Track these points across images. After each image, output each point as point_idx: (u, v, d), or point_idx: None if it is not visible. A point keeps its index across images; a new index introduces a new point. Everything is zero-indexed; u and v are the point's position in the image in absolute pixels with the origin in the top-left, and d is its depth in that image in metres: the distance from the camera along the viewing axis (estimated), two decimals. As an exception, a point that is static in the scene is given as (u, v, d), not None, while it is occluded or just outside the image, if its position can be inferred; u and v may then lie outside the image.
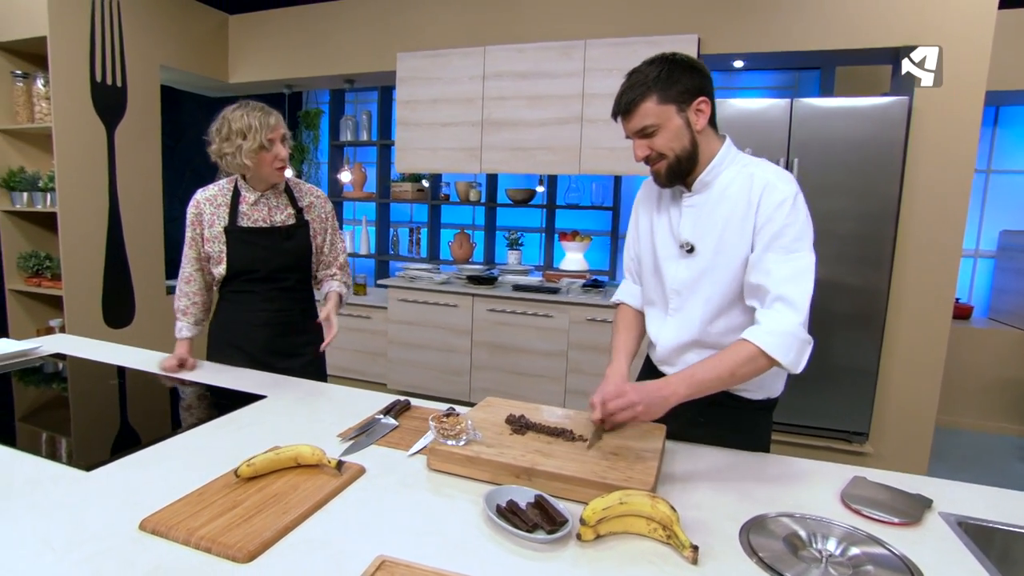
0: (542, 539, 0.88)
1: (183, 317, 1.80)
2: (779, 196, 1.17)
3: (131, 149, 3.50)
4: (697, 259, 1.27)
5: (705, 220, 1.26)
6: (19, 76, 3.18)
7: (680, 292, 1.31)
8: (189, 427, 1.29)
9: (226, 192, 1.74)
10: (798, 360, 1.14)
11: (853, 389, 2.99)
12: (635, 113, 1.19)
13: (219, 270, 1.74)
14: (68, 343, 1.95)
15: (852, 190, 2.87)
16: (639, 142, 1.22)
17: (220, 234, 1.71)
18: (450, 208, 4.68)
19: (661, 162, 1.22)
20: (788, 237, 1.16)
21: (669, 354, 1.35)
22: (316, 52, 4.07)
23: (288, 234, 1.76)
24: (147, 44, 3.56)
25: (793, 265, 1.15)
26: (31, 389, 1.56)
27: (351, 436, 1.27)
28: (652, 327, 1.40)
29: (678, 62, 1.20)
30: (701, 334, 1.30)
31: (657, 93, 1.17)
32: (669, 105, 1.18)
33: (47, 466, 1.09)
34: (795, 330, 1.13)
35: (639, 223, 1.42)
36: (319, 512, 0.96)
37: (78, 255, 3.24)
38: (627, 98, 1.19)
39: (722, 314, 1.27)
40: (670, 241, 1.32)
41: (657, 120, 1.18)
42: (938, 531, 0.98)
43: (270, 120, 1.64)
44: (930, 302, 2.96)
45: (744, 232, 1.20)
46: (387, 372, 3.85)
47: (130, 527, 0.90)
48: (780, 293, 1.15)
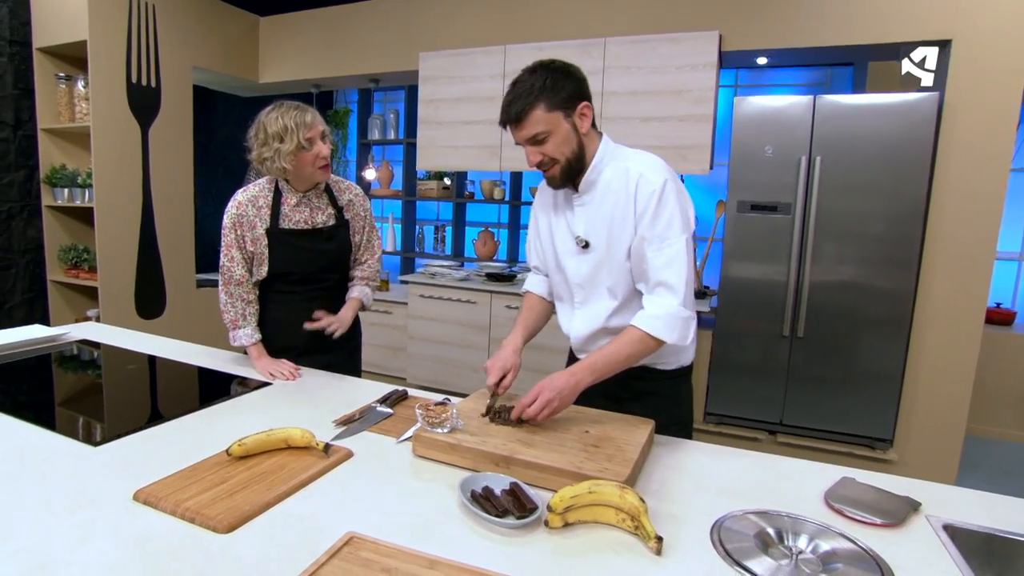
0: (510, 524, 0.90)
1: (244, 322, 1.70)
2: (650, 187, 1.25)
3: (164, 147, 3.65)
4: (592, 254, 1.35)
5: (595, 216, 1.34)
6: (62, 78, 3.36)
7: (583, 286, 1.39)
8: (192, 410, 1.35)
9: (267, 193, 1.68)
10: (683, 336, 1.26)
11: (877, 393, 2.91)
12: (526, 121, 1.23)
13: (261, 271, 1.70)
14: (94, 331, 2.06)
15: (878, 189, 2.79)
16: (531, 149, 1.26)
17: (262, 236, 1.66)
18: (475, 206, 4.72)
19: (554, 167, 1.28)
20: (660, 226, 1.25)
21: (583, 343, 1.44)
22: (342, 52, 4.17)
23: (330, 235, 1.74)
24: (180, 46, 3.70)
25: (667, 252, 1.25)
26: (56, 371, 1.66)
27: (346, 422, 1.31)
28: (563, 320, 1.48)
29: (558, 69, 1.25)
30: (608, 322, 1.37)
31: (544, 101, 1.22)
32: (556, 112, 1.23)
33: (60, 441, 1.16)
34: (675, 311, 1.24)
35: (539, 225, 1.49)
36: (302, 491, 1.00)
37: (113, 249, 3.41)
38: (517, 107, 1.23)
39: (628, 303, 1.35)
40: (568, 238, 1.39)
41: (547, 127, 1.23)
42: (920, 534, 0.96)
43: (306, 118, 1.59)
44: (961, 305, 2.85)
45: (627, 224, 1.29)
46: (407, 367, 3.91)
47: (124, 497, 0.95)
48: (659, 279, 1.26)
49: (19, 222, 3.38)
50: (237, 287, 1.69)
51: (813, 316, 2.95)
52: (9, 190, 3.32)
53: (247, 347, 1.72)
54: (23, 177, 3.38)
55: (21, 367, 1.63)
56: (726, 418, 3.20)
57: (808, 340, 2.97)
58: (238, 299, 1.70)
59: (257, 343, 1.71)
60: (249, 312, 1.72)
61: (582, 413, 1.30)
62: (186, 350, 1.86)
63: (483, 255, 4.30)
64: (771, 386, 3.07)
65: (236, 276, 1.69)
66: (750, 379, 3.10)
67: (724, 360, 3.15)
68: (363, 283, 1.88)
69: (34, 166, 3.41)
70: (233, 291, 1.70)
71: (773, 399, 3.07)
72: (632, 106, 3.23)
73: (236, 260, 1.67)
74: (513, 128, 1.26)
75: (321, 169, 1.64)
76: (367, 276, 1.89)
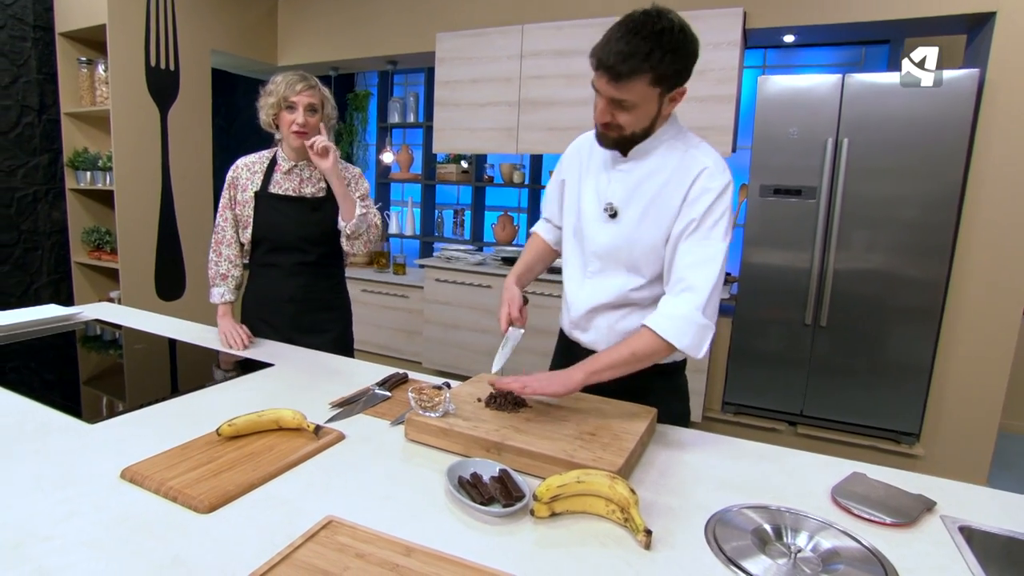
0: (495, 512, 0.87)
1: (222, 282, 1.81)
2: (712, 182, 1.18)
3: (183, 130, 3.68)
4: (619, 225, 1.27)
5: (634, 187, 1.25)
6: (83, 62, 3.40)
7: (601, 256, 1.30)
8: (191, 390, 1.35)
9: (264, 159, 1.80)
10: (697, 344, 1.15)
11: (904, 386, 2.80)
12: (625, 85, 1.10)
13: (246, 235, 1.79)
14: (107, 311, 2.09)
15: (909, 173, 2.66)
16: (607, 108, 1.15)
17: (251, 199, 1.76)
18: (495, 190, 4.67)
19: (616, 132, 1.19)
20: (706, 225, 1.17)
21: (583, 317, 1.35)
22: (360, 34, 4.14)
23: (315, 206, 1.76)
24: (199, 29, 3.72)
25: (703, 251, 1.17)
26: (64, 352, 1.69)
27: (342, 404, 1.30)
28: (570, 288, 1.39)
29: (685, 43, 1.11)
30: (614, 299, 1.30)
31: (653, 74, 1.09)
32: (656, 88, 1.12)
33: (57, 417, 1.17)
34: (692, 315, 1.14)
35: (567, 180, 1.40)
36: (289, 472, 0.99)
37: (133, 231, 3.46)
38: (626, 67, 1.08)
39: (642, 284, 1.27)
40: (595, 203, 1.30)
41: (639, 100, 1.12)
42: (933, 534, 0.90)
43: (297, 86, 1.67)
44: (998, 295, 2.71)
45: (671, 207, 1.20)
46: (422, 351, 3.92)
47: (112, 476, 0.95)
48: (683, 276, 1.17)
49: (44, 205, 3.46)
50: (226, 247, 1.81)
51: (838, 305, 2.85)
52: (35, 173, 3.39)
53: (217, 305, 1.81)
54: (47, 161, 3.45)
55: (33, 345, 1.66)
56: (744, 408, 3.13)
57: (832, 329, 2.87)
58: (224, 259, 1.81)
59: (226, 303, 1.81)
60: (231, 274, 1.82)
61: (584, 400, 1.26)
62: (197, 331, 1.86)
63: (502, 239, 4.26)
64: (792, 376, 2.98)
65: (226, 236, 1.81)
66: (770, 368, 3.02)
67: (743, 348, 3.07)
68: None
69: (58, 150, 3.47)
70: (222, 250, 1.81)
71: (794, 389, 2.99)
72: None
73: (228, 220, 1.80)
74: (606, 79, 1.10)
75: (294, 134, 1.69)
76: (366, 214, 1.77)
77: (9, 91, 3.23)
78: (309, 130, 1.69)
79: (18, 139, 3.30)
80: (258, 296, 1.84)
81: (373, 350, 4.15)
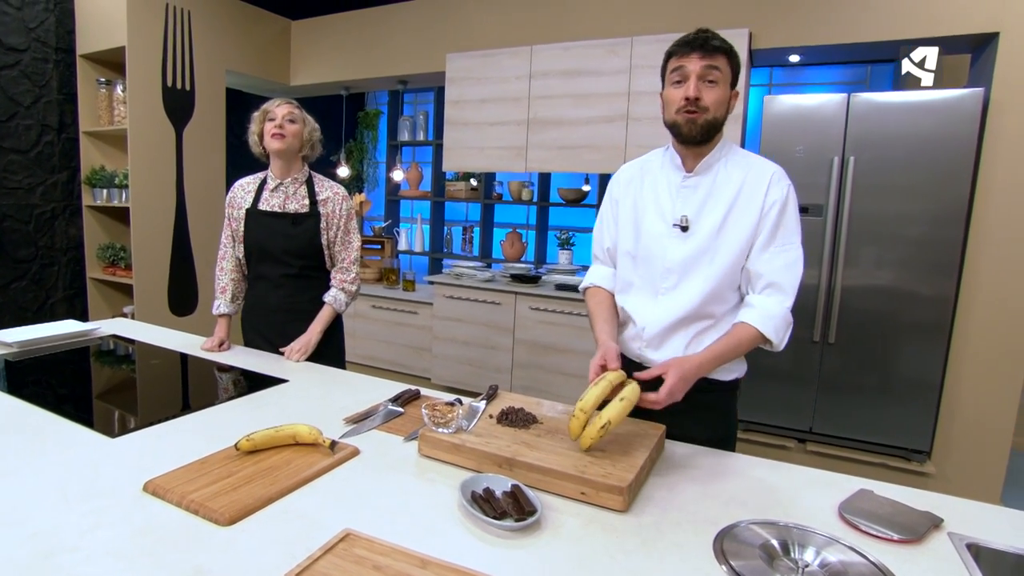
0: (508, 526, 0.89)
1: (220, 295, 1.96)
2: (783, 190, 1.28)
3: (197, 149, 3.76)
4: (693, 238, 1.31)
5: (703, 200, 1.31)
6: (102, 83, 3.50)
7: (674, 271, 1.33)
8: (207, 405, 1.38)
9: (257, 179, 1.94)
10: (783, 340, 1.28)
11: (913, 403, 2.79)
12: (715, 56, 1.22)
13: (240, 249, 1.93)
14: (123, 326, 2.13)
15: (916, 191, 2.68)
16: (697, 83, 1.23)
17: (243, 216, 1.90)
18: (504, 207, 4.72)
19: (702, 114, 1.25)
20: (786, 230, 1.28)
21: (656, 336, 1.35)
22: (371, 55, 4.23)
23: (296, 220, 1.88)
24: (214, 50, 3.82)
25: (787, 256, 1.28)
26: (84, 364, 1.73)
27: (356, 420, 1.32)
28: (636, 309, 1.39)
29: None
30: (693, 312, 1.32)
31: (729, 58, 1.25)
32: (731, 73, 1.26)
33: (80, 432, 1.20)
34: (785, 313, 1.27)
35: (619, 206, 1.44)
36: (306, 487, 1.01)
37: (147, 247, 3.53)
38: (716, 43, 1.23)
39: (720, 294, 1.31)
40: (659, 220, 1.35)
41: (723, 73, 1.24)
42: (940, 551, 0.91)
43: (276, 101, 1.86)
44: (1007, 312, 2.70)
45: (749, 216, 1.28)
46: (432, 367, 3.94)
47: (135, 488, 0.98)
48: (773, 280, 1.27)
49: (61, 221, 3.53)
50: (226, 262, 1.96)
51: (846, 322, 2.85)
52: (53, 191, 3.47)
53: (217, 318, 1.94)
54: (66, 178, 3.53)
55: (52, 360, 1.70)
56: (753, 425, 3.12)
57: (840, 346, 2.87)
58: (224, 273, 1.96)
59: (223, 315, 1.94)
60: (230, 288, 1.95)
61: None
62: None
63: (511, 256, 4.29)
64: (801, 393, 2.97)
65: (227, 252, 1.96)
66: (779, 385, 3.01)
67: (752, 365, 3.01)
68: (339, 287, 1.95)
69: (76, 168, 3.56)
70: (223, 265, 1.97)
71: (803, 406, 2.98)
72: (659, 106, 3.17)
73: (228, 237, 1.95)
74: (697, 53, 1.23)
75: (272, 136, 1.81)
76: (344, 280, 1.96)
77: (31, 111, 3.33)
78: (288, 135, 1.81)
79: (38, 157, 3.39)
80: (251, 307, 1.98)
81: (383, 366, 4.17)
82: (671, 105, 1.27)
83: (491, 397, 1.36)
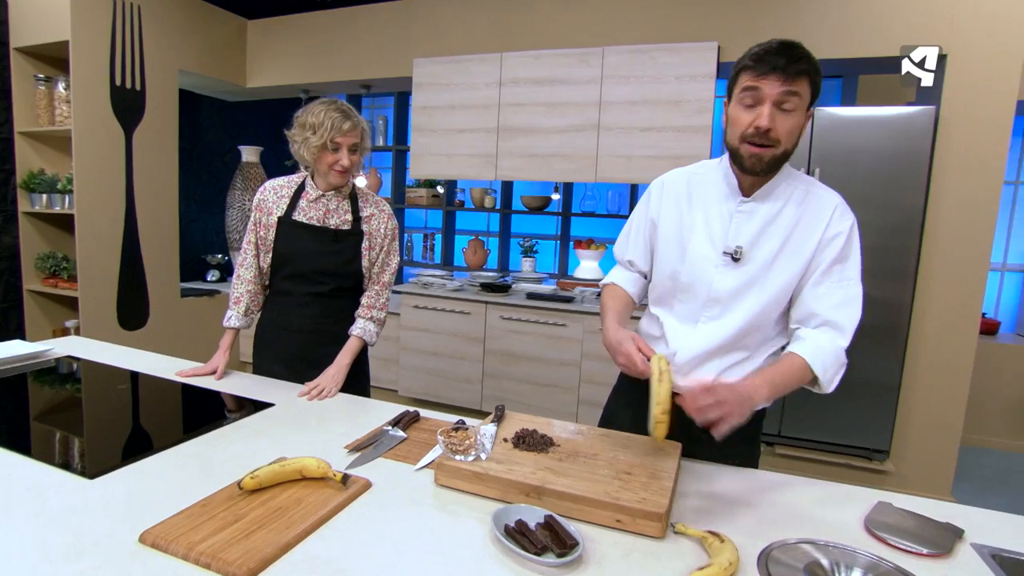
0: (552, 563, 0.85)
1: (234, 306, 1.76)
2: (847, 222, 1.19)
3: (148, 152, 3.53)
4: (744, 269, 1.22)
5: (761, 229, 1.21)
6: (41, 80, 3.23)
7: (721, 301, 1.24)
8: (195, 435, 1.27)
9: (293, 184, 1.74)
10: (834, 380, 1.18)
11: (874, 405, 2.91)
12: (798, 80, 1.09)
13: (267, 259, 1.74)
14: (80, 346, 1.95)
15: (876, 201, 2.80)
16: (772, 110, 1.11)
17: (274, 223, 1.71)
18: (464, 214, 4.66)
19: (772, 149, 1.14)
20: (846, 265, 1.19)
21: (688, 362, 1.28)
22: (333, 57, 4.09)
23: (337, 238, 1.71)
24: (166, 49, 3.60)
25: (845, 292, 1.19)
26: (41, 392, 1.56)
27: (358, 448, 1.25)
28: (673, 332, 1.31)
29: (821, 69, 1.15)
30: (729, 342, 1.24)
31: (812, 78, 1.12)
32: (810, 95, 1.13)
33: (51, 473, 1.07)
34: (839, 353, 1.17)
35: (660, 221, 1.32)
36: (323, 528, 0.94)
37: (94, 257, 3.27)
38: (803, 65, 1.09)
39: (760, 325, 1.24)
40: (708, 245, 1.25)
41: (802, 99, 1.11)
42: (971, 564, 0.92)
43: (344, 126, 1.60)
44: (956, 317, 2.87)
45: (806, 247, 1.19)
46: (399, 379, 3.83)
47: (130, 539, 0.87)
48: (830, 318, 1.18)
49: (-7, 229, 3.24)
50: (244, 270, 1.76)
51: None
52: (-18, 196, 3.18)
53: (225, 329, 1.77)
54: (-2, 182, 3.24)
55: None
56: (724, 430, 3.18)
57: (806, 351, 2.96)
58: (242, 282, 1.77)
59: (232, 328, 1.76)
60: (245, 300, 1.76)
61: (608, 436, 1.25)
62: (176, 366, 1.76)
63: (473, 264, 4.24)
64: (769, 397, 3.05)
65: (247, 259, 1.76)
66: (748, 390, 3.08)
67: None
68: (367, 316, 1.77)
69: (10, 170, 3.27)
70: (240, 273, 1.77)
71: (771, 411, 3.04)
72: (630, 115, 3.21)
73: (251, 243, 1.75)
74: (776, 79, 1.09)
75: (337, 172, 1.65)
76: (373, 306, 1.78)
77: (-45, 108, 3.04)
78: (351, 168, 1.65)
79: (-36, 160, 3.10)
80: (267, 323, 1.79)
81: (346, 378, 4.03)
82: (736, 128, 1.16)
83: (500, 418, 1.31)
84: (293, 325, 1.74)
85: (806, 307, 1.20)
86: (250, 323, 1.80)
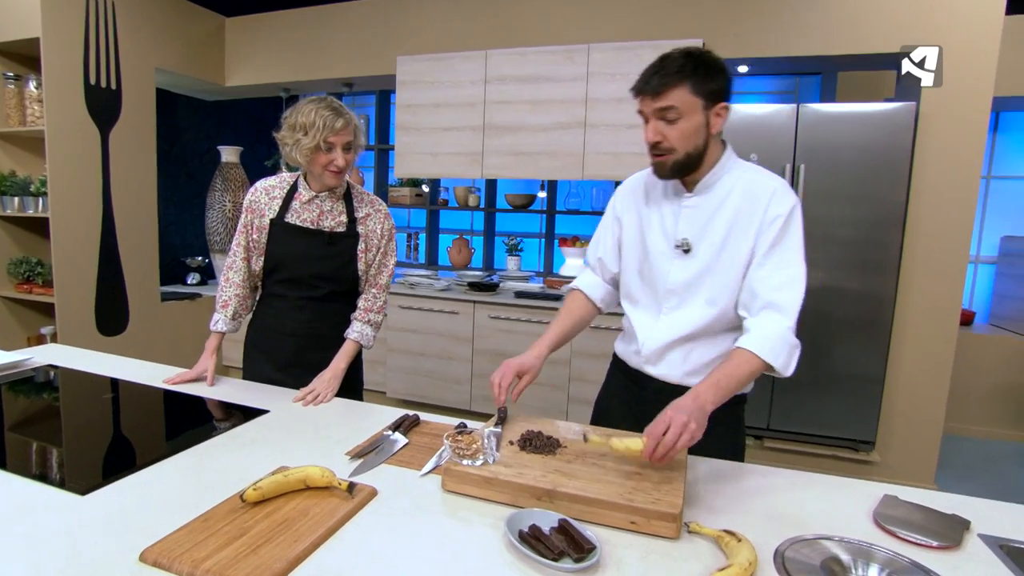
0: (570, 568, 0.83)
1: (221, 309, 1.70)
2: (784, 206, 1.22)
3: (125, 153, 3.42)
4: (695, 260, 1.28)
5: (706, 221, 1.27)
6: (10, 78, 3.11)
7: (677, 292, 1.31)
8: (189, 445, 1.23)
9: (284, 185, 1.69)
10: (788, 363, 1.19)
11: (859, 397, 2.96)
12: (665, 95, 1.16)
13: (259, 262, 1.70)
14: (60, 354, 1.88)
15: (859, 196, 2.84)
16: (655, 125, 1.20)
17: (266, 225, 1.66)
18: (448, 213, 4.63)
19: (669, 156, 1.22)
20: (785, 247, 1.21)
21: (654, 353, 1.35)
22: (314, 55, 4.02)
23: (332, 241, 1.67)
24: (142, 46, 3.49)
25: (786, 273, 1.21)
26: (21, 403, 1.50)
27: (360, 455, 1.22)
28: (639, 325, 1.38)
29: (715, 61, 1.19)
30: (692, 332, 1.30)
31: (691, 83, 1.16)
32: (698, 99, 1.17)
33: (40, 490, 1.03)
34: (785, 335, 1.18)
35: (624, 222, 1.42)
36: (331, 539, 0.91)
37: (70, 261, 3.17)
38: (659, 81, 1.17)
39: (720, 314, 1.28)
40: (662, 240, 1.33)
41: (683, 109, 1.17)
42: (980, 555, 0.93)
43: (336, 124, 1.54)
44: (937, 308, 2.93)
45: (748, 234, 1.23)
46: (386, 380, 3.79)
47: (130, 558, 0.84)
48: (770, 300, 1.20)
49: (-39, 234, 3.11)
50: (233, 273, 1.71)
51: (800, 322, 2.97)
52: (-50, 200, 3.06)
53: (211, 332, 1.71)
54: (-34, 185, 3.11)
55: (-20, 400, 1.46)
56: (714, 424, 3.21)
57: (794, 345, 3.00)
58: (230, 285, 1.71)
59: (218, 333, 1.70)
60: (233, 303, 1.71)
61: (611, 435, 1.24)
62: (160, 373, 1.70)
63: (458, 263, 4.21)
64: (757, 391, 3.07)
65: (236, 262, 1.70)
66: (737, 385, 3.11)
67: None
68: (363, 319, 1.73)
69: (-22, 173, 3.14)
70: (229, 276, 1.72)
71: (759, 405, 3.09)
72: (616, 113, 3.21)
73: (241, 245, 1.69)
74: (648, 97, 1.19)
75: (331, 173, 1.59)
76: (369, 309, 1.74)
77: (-82, 109, 2.91)
78: (346, 167, 1.60)
79: (-71, 162, 2.97)
80: (260, 327, 1.75)
81: (332, 381, 3.97)
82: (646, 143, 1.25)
83: (503, 420, 1.29)
84: (287, 329, 1.70)
85: (749, 289, 1.23)
86: (237, 327, 1.75)
